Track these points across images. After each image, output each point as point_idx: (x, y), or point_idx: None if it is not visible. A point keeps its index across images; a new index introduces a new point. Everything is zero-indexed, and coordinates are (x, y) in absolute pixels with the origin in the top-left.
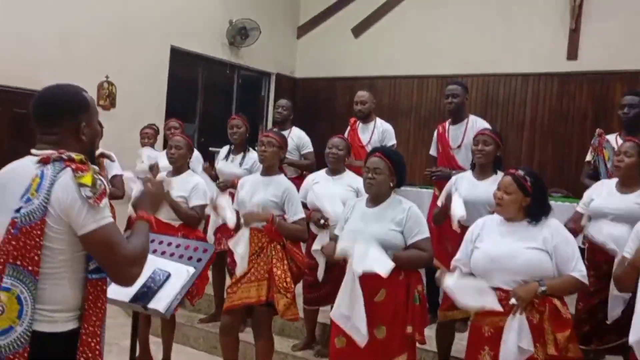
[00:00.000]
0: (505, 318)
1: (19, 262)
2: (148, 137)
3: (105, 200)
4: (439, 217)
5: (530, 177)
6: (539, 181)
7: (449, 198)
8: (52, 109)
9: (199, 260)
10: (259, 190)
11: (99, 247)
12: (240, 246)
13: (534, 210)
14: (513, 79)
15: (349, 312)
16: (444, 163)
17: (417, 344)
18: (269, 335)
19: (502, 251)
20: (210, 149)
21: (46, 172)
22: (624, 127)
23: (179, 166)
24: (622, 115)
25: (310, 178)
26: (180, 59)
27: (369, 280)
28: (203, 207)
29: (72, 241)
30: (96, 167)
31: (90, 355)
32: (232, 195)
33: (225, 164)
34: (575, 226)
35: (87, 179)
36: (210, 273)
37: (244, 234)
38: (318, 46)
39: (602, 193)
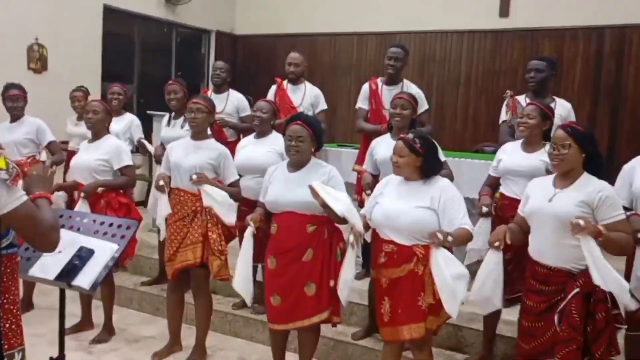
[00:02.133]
0: (396, 270)
1: None
2: (77, 100)
3: (20, 182)
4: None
5: (419, 139)
6: (428, 142)
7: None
8: None
9: (123, 237)
10: (191, 153)
11: (23, 222)
12: (164, 209)
13: (426, 168)
14: (449, 36)
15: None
16: (376, 120)
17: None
18: (207, 294)
19: (394, 210)
20: (148, 112)
21: None
22: (530, 90)
23: (97, 131)
24: (529, 79)
25: (241, 142)
26: (115, 18)
27: (296, 243)
28: (130, 167)
29: None
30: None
31: (13, 320)
32: None
33: (168, 130)
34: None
35: (1, 163)
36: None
37: (164, 198)
38: (258, 2)
39: (509, 154)
